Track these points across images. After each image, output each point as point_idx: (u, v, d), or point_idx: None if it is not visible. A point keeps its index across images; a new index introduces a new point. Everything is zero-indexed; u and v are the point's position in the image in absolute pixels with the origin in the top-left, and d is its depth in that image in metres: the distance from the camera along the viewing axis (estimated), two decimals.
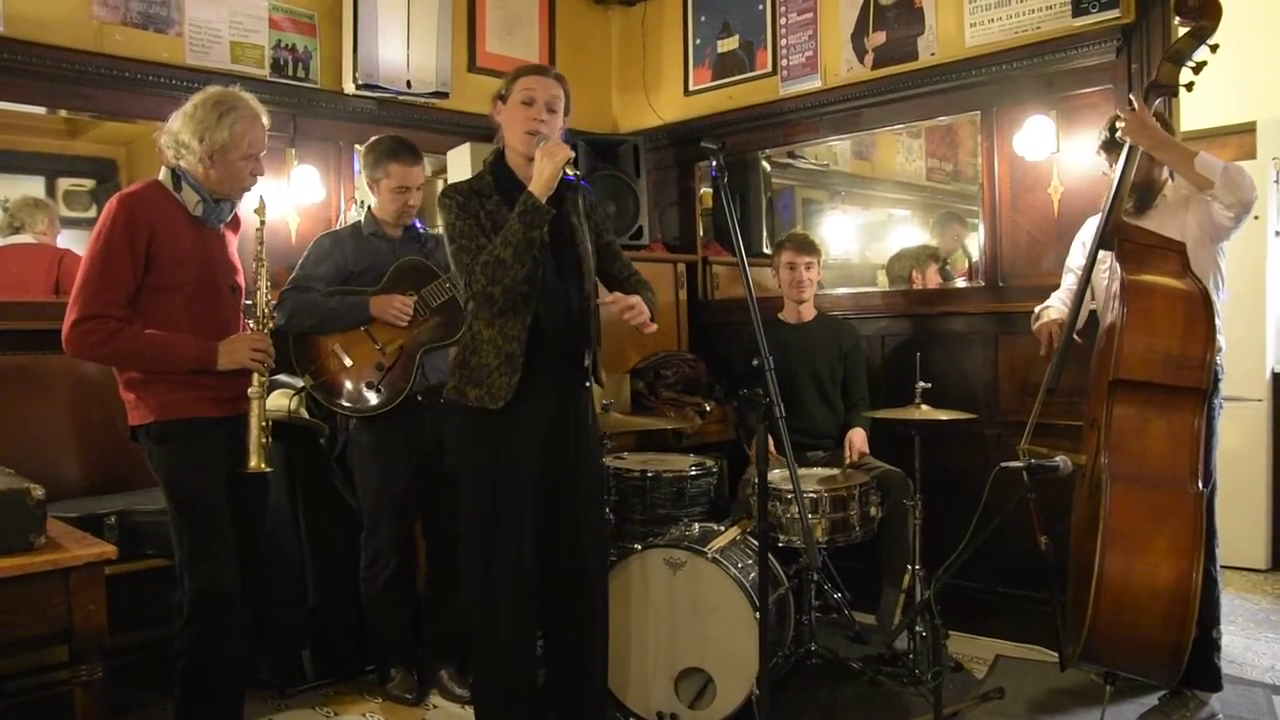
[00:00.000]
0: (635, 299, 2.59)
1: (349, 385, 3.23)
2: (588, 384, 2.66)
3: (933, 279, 4.47)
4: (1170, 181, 3.05)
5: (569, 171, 2.47)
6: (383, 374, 3.22)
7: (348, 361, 3.23)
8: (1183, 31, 2.83)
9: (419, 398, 3.26)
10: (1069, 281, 3.26)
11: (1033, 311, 3.35)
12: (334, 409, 3.28)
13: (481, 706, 2.70)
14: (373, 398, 3.22)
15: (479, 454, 2.61)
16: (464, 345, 2.64)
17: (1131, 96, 2.89)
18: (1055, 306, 3.24)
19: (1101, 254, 2.91)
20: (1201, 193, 2.79)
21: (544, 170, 2.46)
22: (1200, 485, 2.57)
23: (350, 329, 3.24)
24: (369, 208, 3.43)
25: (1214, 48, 2.78)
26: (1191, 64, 2.82)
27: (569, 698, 2.71)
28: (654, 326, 2.61)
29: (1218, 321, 2.86)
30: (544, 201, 2.45)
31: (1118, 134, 2.86)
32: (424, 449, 3.29)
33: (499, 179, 2.61)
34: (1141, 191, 2.96)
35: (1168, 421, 2.63)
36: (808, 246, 3.96)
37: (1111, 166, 3.05)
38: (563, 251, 2.58)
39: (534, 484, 2.58)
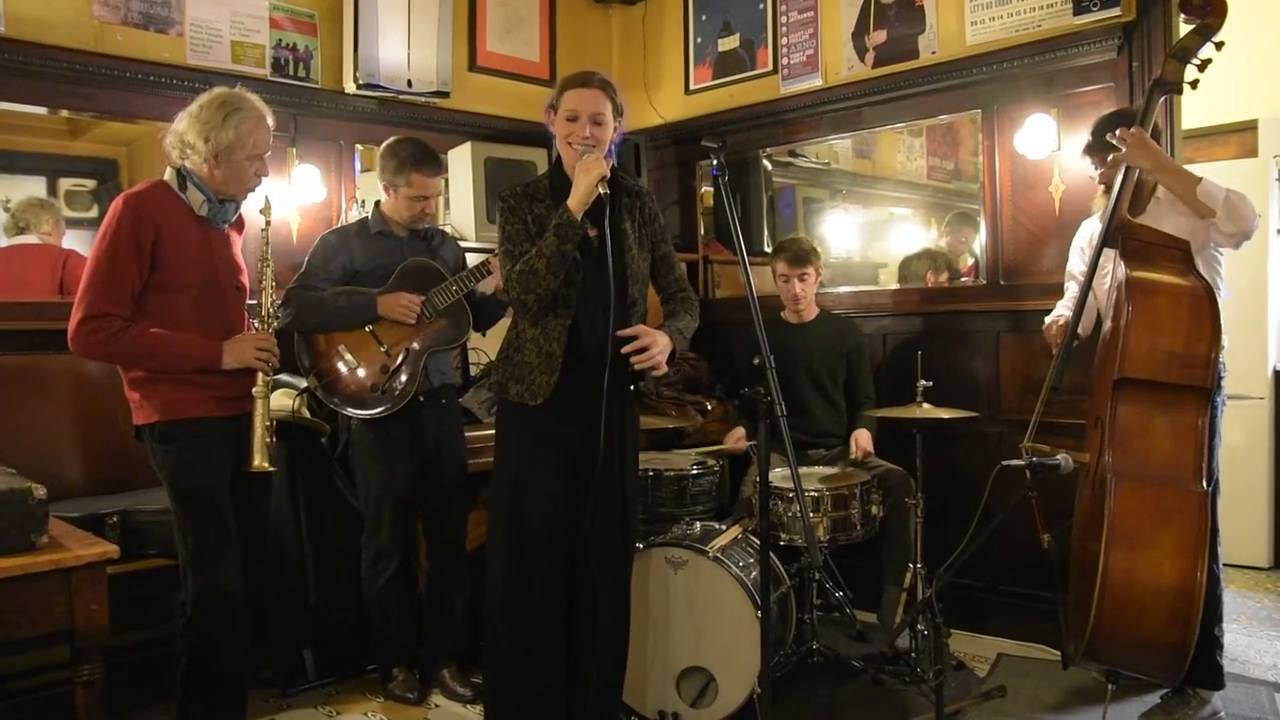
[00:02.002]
0: (651, 340, 2.54)
1: (353, 386, 3.22)
2: (631, 388, 2.68)
3: (941, 281, 4.47)
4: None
5: (600, 189, 2.50)
6: (387, 376, 3.21)
7: (353, 362, 3.23)
8: (1187, 29, 2.82)
9: (421, 399, 3.25)
10: (1072, 289, 3.26)
11: (1034, 310, 3.35)
12: (338, 410, 3.27)
13: (491, 692, 2.71)
14: (377, 400, 3.21)
15: (516, 446, 2.66)
16: (508, 342, 2.69)
17: (1134, 130, 2.85)
18: (1064, 314, 3.23)
19: (1104, 253, 2.91)
20: (1202, 220, 2.78)
21: (579, 186, 2.51)
22: (1204, 484, 2.56)
23: (356, 329, 3.23)
24: (378, 205, 3.40)
25: (1219, 45, 2.77)
26: (1196, 61, 2.81)
27: (577, 693, 2.72)
28: (663, 369, 2.60)
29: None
30: (580, 216, 2.50)
31: (1113, 157, 2.85)
32: (426, 449, 3.29)
33: (555, 183, 2.66)
34: (1132, 194, 2.95)
35: (1172, 420, 2.62)
36: (800, 259, 3.90)
37: (1097, 169, 3.04)
38: (609, 257, 2.57)
39: (564, 480, 2.61)
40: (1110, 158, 2.92)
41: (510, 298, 2.59)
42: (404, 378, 3.21)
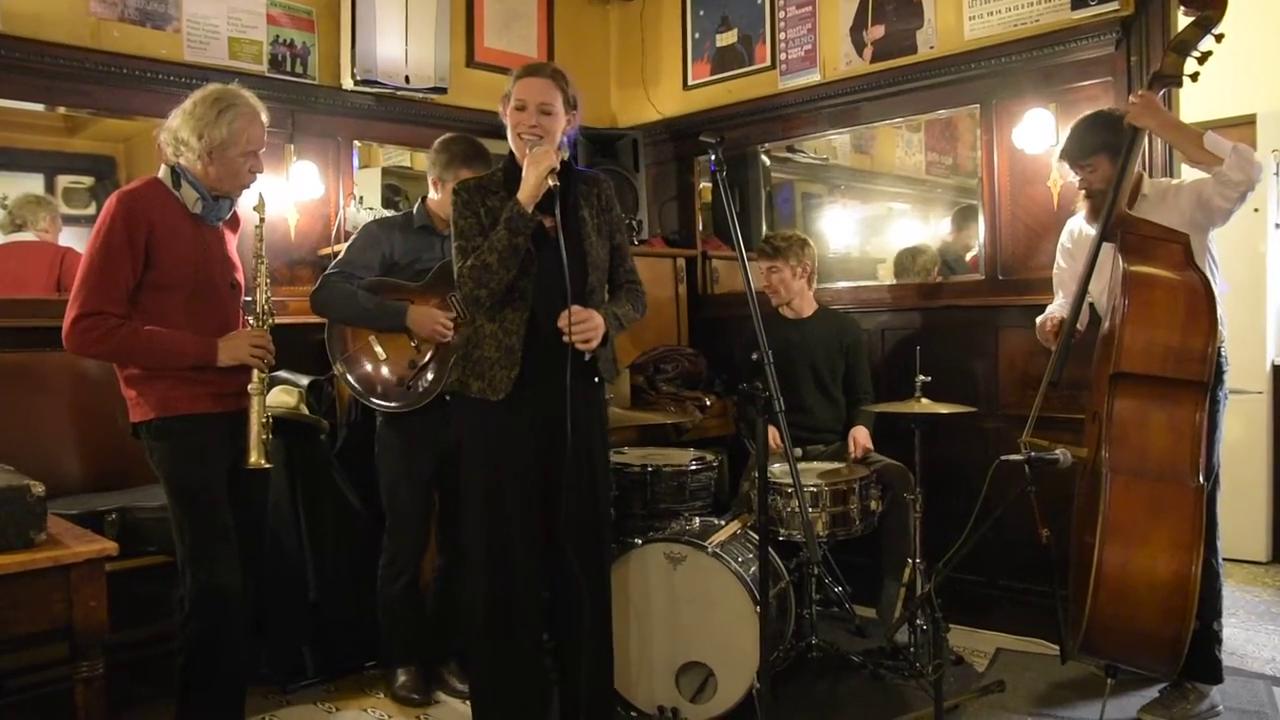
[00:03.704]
0: (586, 315, 2.50)
1: (378, 378, 3.19)
2: (596, 379, 2.66)
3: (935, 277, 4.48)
4: (1146, 177, 3.04)
5: (550, 181, 2.47)
6: (415, 371, 3.18)
7: (382, 355, 3.20)
8: (1187, 22, 2.82)
9: (447, 398, 3.23)
10: (1059, 297, 3.26)
11: (1032, 305, 3.35)
12: (361, 400, 3.25)
13: (477, 697, 2.71)
14: (401, 395, 3.17)
15: (482, 445, 2.63)
16: (467, 338, 2.66)
17: (1142, 91, 2.87)
18: (1055, 313, 3.23)
19: (1104, 247, 2.90)
20: (1209, 169, 2.78)
21: (529, 179, 2.49)
22: (1201, 479, 2.56)
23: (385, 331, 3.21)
24: (423, 199, 3.37)
25: (1219, 37, 2.77)
26: (1196, 54, 2.80)
27: (567, 693, 2.73)
28: (590, 345, 2.52)
29: (1220, 313, 2.86)
30: (530, 208, 2.48)
31: (1125, 120, 2.85)
32: (448, 447, 3.27)
33: (508, 176, 2.63)
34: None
35: (1169, 415, 2.62)
36: (768, 252, 3.90)
37: (1067, 175, 3.05)
38: (568, 245, 2.53)
39: (534, 476, 2.59)
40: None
41: (463, 293, 2.57)
42: (430, 376, 3.18)
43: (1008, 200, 3.96)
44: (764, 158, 4.92)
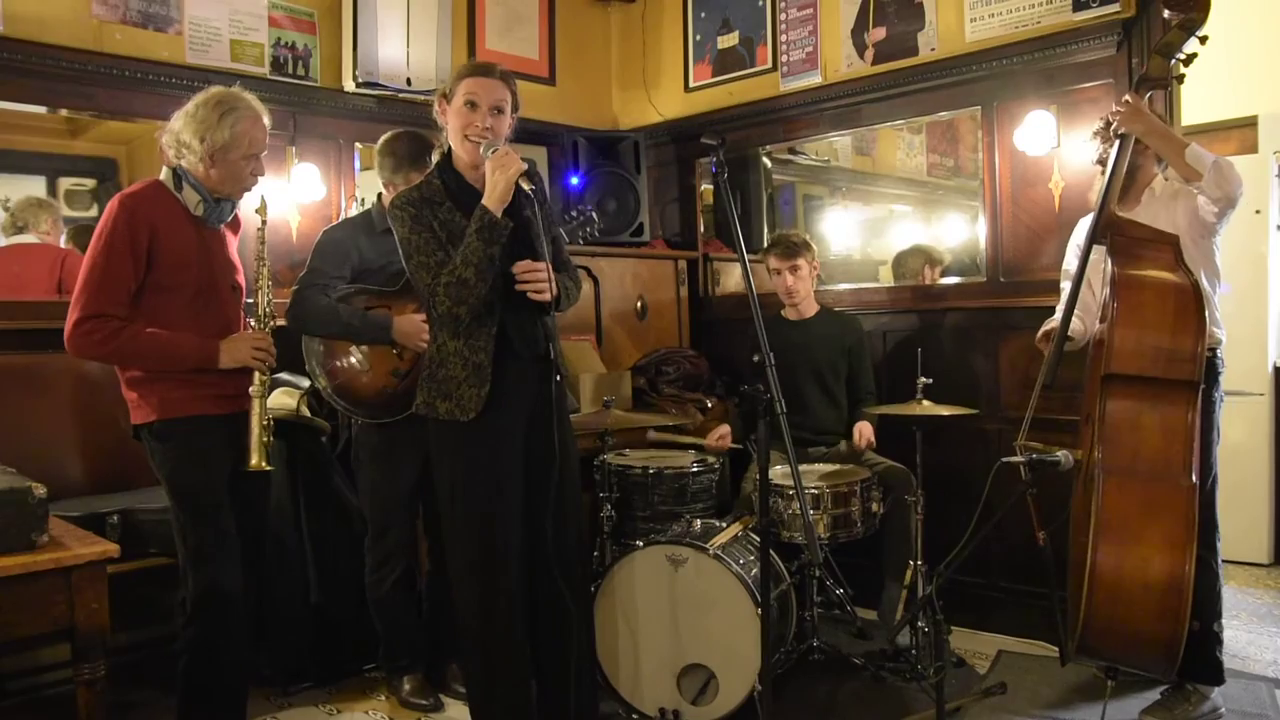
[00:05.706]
0: (540, 267, 2.46)
1: (364, 389, 3.15)
2: (559, 378, 2.61)
3: (935, 277, 4.47)
4: (1160, 175, 3.04)
5: (524, 185, 2.41)
6: (400, 380, 3.13)
7: (365, 367, 3.15)
8: (1172, 24, 2.83)
9: None
10: (1068, 288, 3.25)
11: (1034, 307, 3.35)
12: (350, 414, 3.22)
13: (475, 703, 2.70)
14: (389, 404, 3.12)
15: (457, 467, 2.56)
16: (430, 357, 2.59)
17: (1128, 96, 2.87)
18: (1058, 318, 3.22)
19: (1096, 250, 2.90)
20: (1189, 184, 2.79)
21: (497, 184, 2.40)
22: (1193, 478, 2.56)
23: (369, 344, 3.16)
24: (379, 198, 3.32)
25: (1203, 40, 2.78)
26: (1181, 56, 2.81)
27: (555, 700, 2.71)
28: (544, 297, 2.46)
29: (1216, 314, 2.85)
30: (500, 215, 2.40)
31: (1112, 125, 2.86)
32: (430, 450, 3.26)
33: (448, 183, 2.55)
34: (1126, 178, 2.95)
35: (1161, 415, 2.62)
36: (790, 251, 3.89)
37: (1100, 149, 3.04)
38: (519, 251, 2.49)
39: (515, 490, 2.56)
40: (1111, 127, 2.90)
41: (439, 312, 2.47)
42: (415, 383, 3.16)
43: (1009, 202, 3.96)
44: (765, 160, 4.92)
